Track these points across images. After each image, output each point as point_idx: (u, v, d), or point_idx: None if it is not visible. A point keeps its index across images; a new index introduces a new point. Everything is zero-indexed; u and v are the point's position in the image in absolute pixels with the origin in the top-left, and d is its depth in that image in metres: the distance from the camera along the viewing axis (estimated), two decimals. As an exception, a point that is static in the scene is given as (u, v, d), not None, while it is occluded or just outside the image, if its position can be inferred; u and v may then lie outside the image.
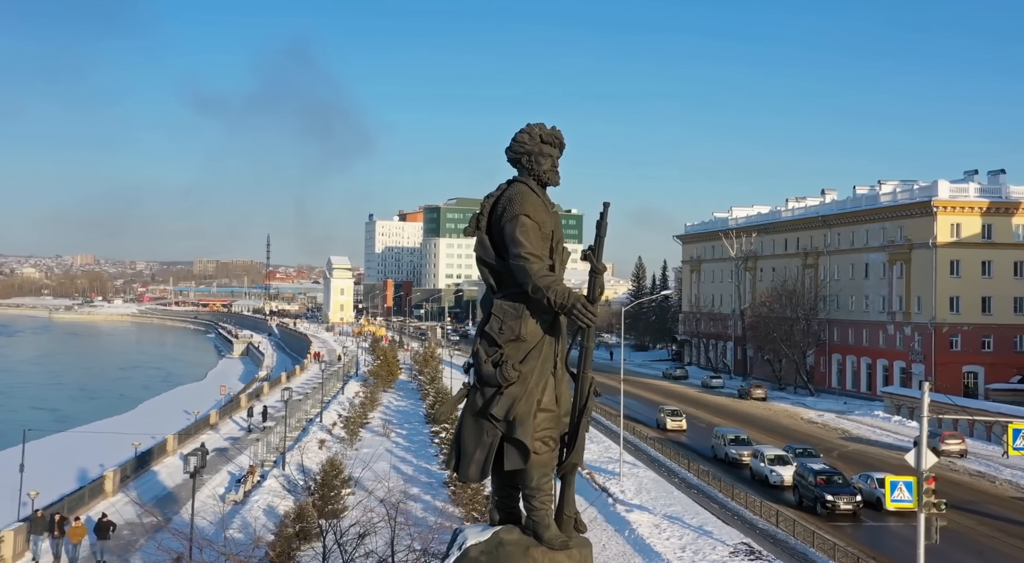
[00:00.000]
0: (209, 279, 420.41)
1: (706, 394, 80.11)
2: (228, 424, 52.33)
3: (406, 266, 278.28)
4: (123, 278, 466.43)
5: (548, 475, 6.44)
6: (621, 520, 32.04)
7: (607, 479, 39.26)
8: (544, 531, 6.35)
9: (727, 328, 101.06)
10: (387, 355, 73.29)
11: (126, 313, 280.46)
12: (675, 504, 35.69)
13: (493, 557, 6.35)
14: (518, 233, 6.27)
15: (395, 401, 63.35)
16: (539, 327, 6.37)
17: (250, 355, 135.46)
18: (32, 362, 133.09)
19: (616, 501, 34.70)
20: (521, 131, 6.68)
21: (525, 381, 6.26)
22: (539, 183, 6.61)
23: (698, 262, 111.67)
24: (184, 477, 28.68)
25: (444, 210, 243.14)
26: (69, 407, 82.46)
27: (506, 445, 6.27)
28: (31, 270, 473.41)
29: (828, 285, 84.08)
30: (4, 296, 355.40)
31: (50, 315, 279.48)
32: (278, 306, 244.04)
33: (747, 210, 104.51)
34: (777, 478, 40.80)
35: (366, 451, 42.06)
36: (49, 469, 36.52)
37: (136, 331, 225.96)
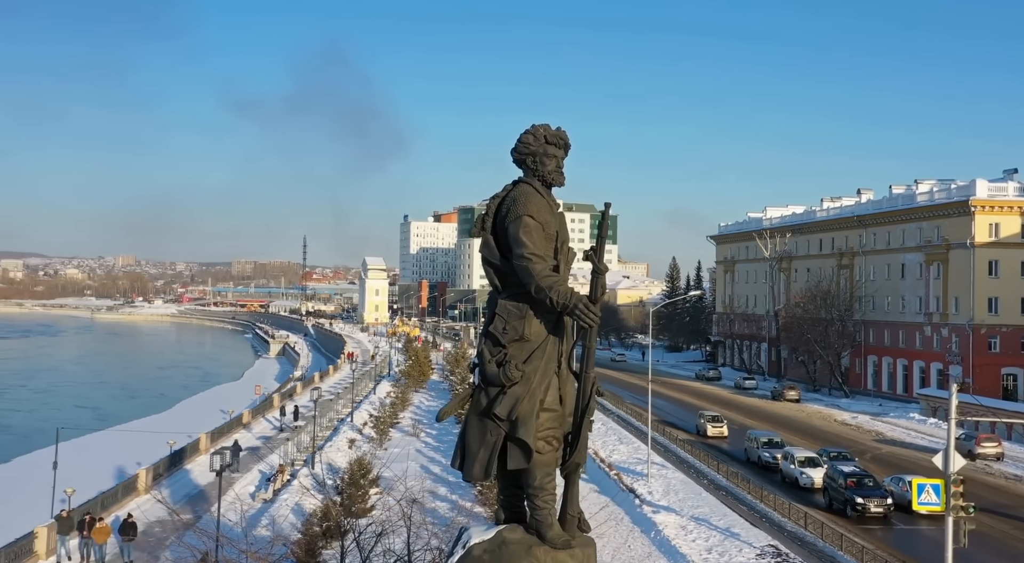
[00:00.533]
0: (247, 280, 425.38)
1: (739, 395, 79.54)
2: (261, 423, 53.06)
3: (440, 267, 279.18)
4: (163, 279, 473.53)
5: (551, 474, 6.47)
6: (647, 521, 32.01)
7: (635, 480, 39.20)
8: (547, 530, 6.37)
9: (761, 329, 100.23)
10: (419, 355, 73.64)
11: (166, 313, 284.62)
12: (703, 506, 35.56)
13: (496, 556, 6.38)
14: (521, 234, 6.30)
15: (426, 401, 63.73)
16: (543, 327, 6.39)
17: (286, 355, 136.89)
18: (75, 361, 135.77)
19: (643, 502, 34.66)
20: (526, 132, 6.70)
21: (528, 381, 6.28)
22: (544, 184, 6.64)
23: (732, 262, 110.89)
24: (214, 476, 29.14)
25: (478, 210, 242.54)
26: (110, 406, 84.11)
27: (509, 444, 6.30)
28: (74, 271, 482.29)
29: (864, 286, 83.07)
30: (49, 296, 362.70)
31: (92, 315, 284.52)
32: (314, 307, 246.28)
33: (781, 210, 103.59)
34: (807, 480, 40.51)
35: (395, 451, 42.52)
36: (86, 467, 37.34)
37: (175, 331, 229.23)
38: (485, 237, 6.64)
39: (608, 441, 50.19)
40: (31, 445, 55.22)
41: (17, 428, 67.09)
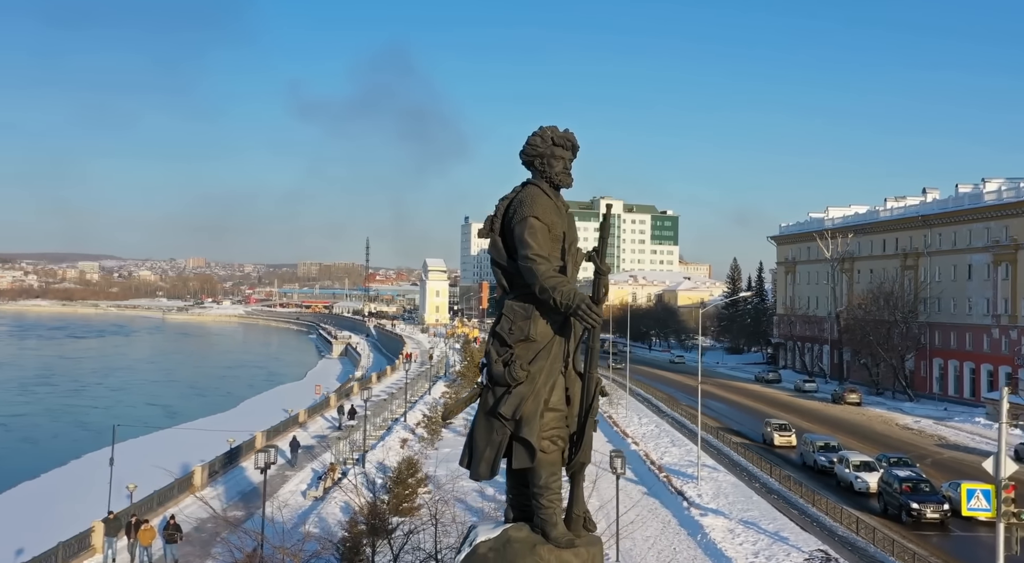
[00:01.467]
0: (312, 281, 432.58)
1: (798, 398, 78.40)
2: (317, 422, 54.15)
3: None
4: (232, 280, 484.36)
5: (556, 474, 6.49)
6: (694, 524, 31.97)
7: (684, 482, 39.09)
8: (551, 529, 6.40)
9: (823, 331, 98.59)
10: (474, 356, 74.20)
11: (233, 314, 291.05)
12: (752, 509, 35.34)
13: (501, 554, 6.42)
14: (527, 235, 6.35)
15: (481, 402, 64.20)
16: (549, 328, 6.42)
17: (348, 355, 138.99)
18: (147, 361, 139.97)
19: (691, 504, 34.57)
20: (534, 134, 6.74)
21: (533, 381, 6.32)
22: (552, 185, 6.68)
23: (793, 264, 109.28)
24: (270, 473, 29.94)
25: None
26: (179, 404, 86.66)
27: (515, 444, 6.36)
28: (147, 273, 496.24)
29: (928, 287, 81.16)
30: (123, 298, 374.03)
31: (163, 316, 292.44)
32: (376, 308, 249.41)
33: (844, 210, 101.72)
34: (862, 485, 39.92)
35: (446, 450, 43.05)
36: (149, 463, 38.60)
37: (242, 331, 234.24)
38: (493, 238, 6.69)
39: (660, 443, 50.08)
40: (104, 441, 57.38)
41: (93, 425, 69.53)
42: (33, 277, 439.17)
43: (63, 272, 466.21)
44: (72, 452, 54.41)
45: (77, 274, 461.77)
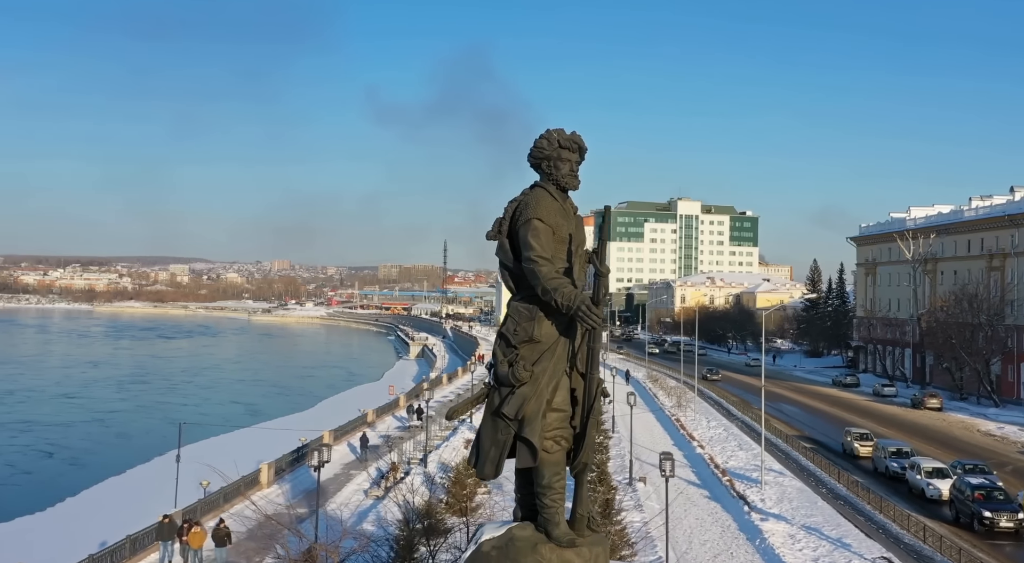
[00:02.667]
0: (392, 283, 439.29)
1: (876, 403, 76.49)
2: (387, 422, 55.25)
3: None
4: (315, 282, 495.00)
5: (559, 473, 6.57)
6: (753, 529, 31.78)
7: (748, 487, 38.81)
8: (554, 528, 6.47)
9: (904, 334, 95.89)
10: (543, 358, 74.47)
11: (316, 316, 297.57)
12: (816, 515, 34.93)
13: (503, 552, 6.49)
14: (530, 236, 6.41)
15: (548, 403, 64.61)
16: (554, 329, 6.46)
17: (425, 357, 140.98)
18: (233, 361, 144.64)
19: (752, 509, 34.34)
20: (540, 136, 6.78)
21: (536, 382, 6.37)
22: (559, 188, 6.72)
23: (873, 265, 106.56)
24: (336, 471, 31.01)
25: (614, 214, 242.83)
26: (262, 402, 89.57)
27: (518, 443, 6.44)
28: (234, 275, 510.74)
29: (1016, 288, 78.19)
30: (211, 299, 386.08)
31: (249, 317, 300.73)
32: (453, 309, 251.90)
33: (926, 210, 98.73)
34: (934, 492, 38.94)
35: (509, 451, 43.60)
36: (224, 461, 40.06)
37: (324, 333, 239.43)
38: (501, 240, 6.74)
39: (727, 447, 49.72)
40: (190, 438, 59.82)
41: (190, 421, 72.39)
42: (127, 280, 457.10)
43: (155, 275, 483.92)
44: (159, 448, 56.89)
45: (168, 277, 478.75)
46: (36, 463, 56.93)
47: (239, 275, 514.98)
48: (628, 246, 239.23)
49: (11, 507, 42.82)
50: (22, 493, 47.31)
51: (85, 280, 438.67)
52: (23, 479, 52.38)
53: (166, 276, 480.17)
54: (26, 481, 51.57)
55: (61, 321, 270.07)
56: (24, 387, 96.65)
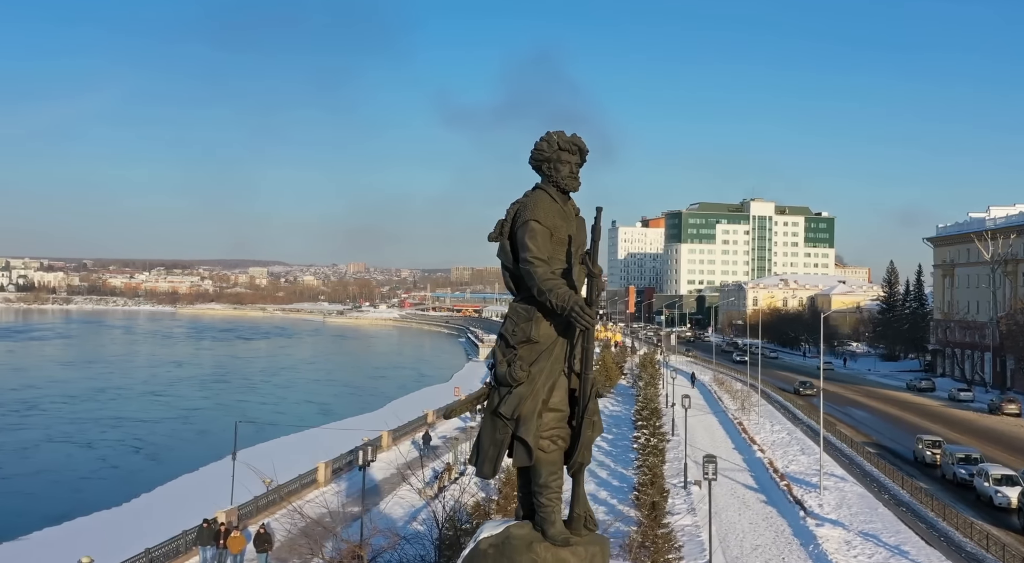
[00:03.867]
0: (464, 285, 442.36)
1: (951, 408, 74.32)
2: (447, 423, 55.86)
3: (648, 272, 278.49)
4: (389, 285, 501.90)
5: (556, 473, 6.58)
6: (808, 534, 31.52)
7: (806, 491, 38.43)
8: (549, 527, 6.51)
9: (983, 337, 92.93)
10: (604, 360, 74.78)
11: (388, 318, 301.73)
12: (875, 521, 34.46)
13: (499, 550, 6.56)
14: (527, 238, 6.48)
15: (610, 406, 64.77)
16: (552, 329, 6.50)
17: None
18: (308, 361, 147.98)
19: (808, 514, 34.03)
20: (541, 139, 6.83)
21: (533, 381, 6.42)
22: (559, 189, 6.77)
23: (951, 266, 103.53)
24: (393, 471, 31.73)
25: (686, 215, 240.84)
26: (334, 402, 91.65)
27: (515, 443, 6.47)
28: (311, 278, 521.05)
29: (1102, 291, 75.27)
30: (288, 301, 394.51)
31: (324, 319, 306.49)
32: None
33: (1007, 209, 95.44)
34: (1003, 500, 37.92)
35: (566, 453, 43.91)
36: (290, 459, 41.42)
37: (397, 334, 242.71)
38: (502, 242, 6.78)
39: (789, 451, 49.19)
40: (266, 436, 61.87)
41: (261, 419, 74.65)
42: (208, 282, 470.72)
43: (235, 277, 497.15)
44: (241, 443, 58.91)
45: (247, 279, 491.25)
46: (123, 458, 59.54)
47: (315, 278, 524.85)
48: (699, 248, 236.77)
49: (94, 500, 45.06)
50: (107, 486, 49.61)
51: (169, 283, 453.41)
52: (109, 473, 54.86)
53: (245, 279, 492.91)
54: (112, 475, 54.02)
55: (145, 322, 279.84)
56: (114, 385, 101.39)
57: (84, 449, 62.63)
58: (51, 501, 46.19)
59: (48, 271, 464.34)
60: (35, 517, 41.30)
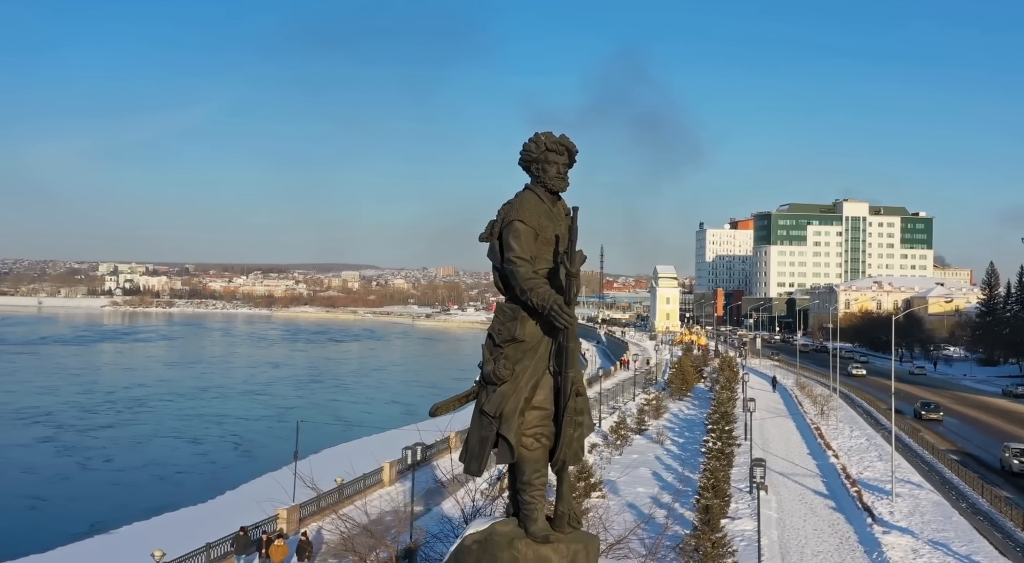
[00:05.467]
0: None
1: (1048, 416, 71.43)
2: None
3: (737, 274, 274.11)
4: (478, 288, 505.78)
5: (539, 471, 6.62)
6: (873, 542, 31.17)
7: (878, 498, 37.87)
8: (531, 524, 6.57)
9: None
10: (681, 364, 74.48)
11: (476, 320, 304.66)
12: (948, 530, 33.81)
13: (483, 546, 6.65)
14: (511, 238, 6.55)
15: (686, 409, 64.56)
16: (538, 329, 6.54)
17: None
18: (397, 363, 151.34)
19: (875, 521, 33.63)
20: (528, 140, 6.87)
21: (516, 380, 6.50)
22: (547, 190, 6.80)
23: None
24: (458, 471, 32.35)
25: (776, 217, 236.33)
26: (419, 403, 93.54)
27: (499, 440, 6.53)
28: (401, 281, 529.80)
29: None
30: (378, 305, 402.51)
31: (412, 322, 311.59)
32: (609, 314, 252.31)
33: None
34: (1092, 510, 36.58)
35: (634, 457, 44.27)
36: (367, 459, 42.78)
37: (483, 337, 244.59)
38: (492, 242, 6.85)
39: (866, 457, 48.36)
40: (351, 435, 63.98)
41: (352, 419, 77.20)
42: (303, 286, 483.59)
43: (328, 281, 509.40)
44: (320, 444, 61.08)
45: (340, 283, 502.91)
46: (221, 453, 62.45)
47: (406, 281, 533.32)
48: (790, 250, 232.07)
49: (189, 495, 47.60)
50: (202, 481, 52.15)
51: (265, 286, 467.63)
52: (208, 468, 57.58)
53: (338, 282, 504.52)
54: (209, 470, 56.72)
55: (243, 325, 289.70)
56: (216, 384, 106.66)
57: (188, 444, 66.16)
58: (151, 494, 48.90)
59: (153, 276, 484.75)
60: (135, 509, 43.76)
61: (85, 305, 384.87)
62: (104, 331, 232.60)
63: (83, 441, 65.99)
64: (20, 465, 56.90)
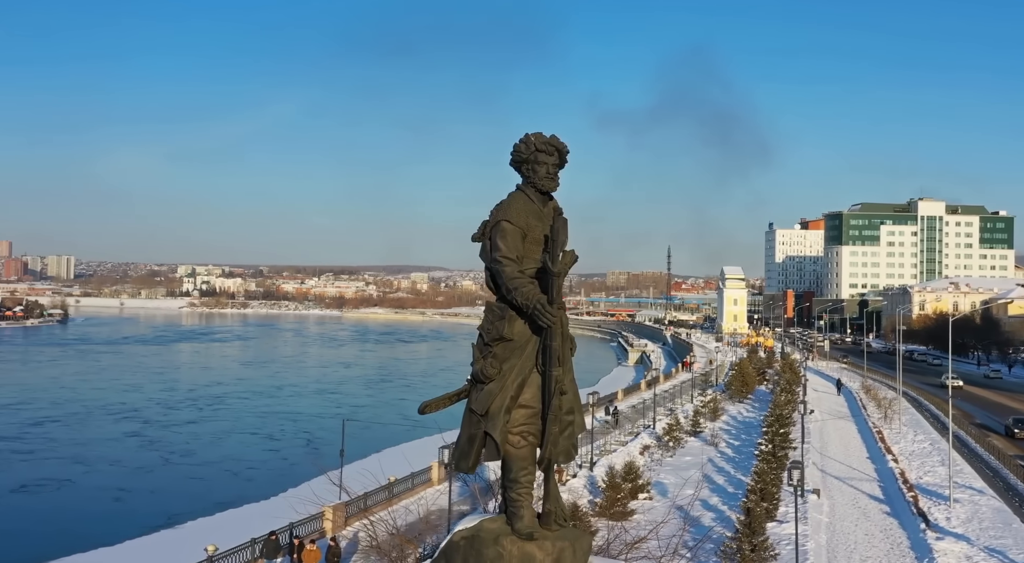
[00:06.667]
0: (620, 290, 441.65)
1: None
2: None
3: (808, 275, 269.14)
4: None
5: (526, 469, 6.67)
6: (924, 547, 30.79)
7: (934, 503, 37.29)
8: (516, 521, 6.60)
9: None
10: (741, 366, 73.89)
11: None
12: (1006, 537, 33.14)
13: (470, 542, 6.72)
14: (497, 238, 6.61)
15: (745, 412, 64.05)
16: (526, 328, 6.58)
17: (643, 363, 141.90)
18: (463, 363, 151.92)
19: (929, 527, 33.18)
20: (519, 141, 6.91)
21: (504, 378, 6.55)
22: (537, 190, 6.85)
23: None
24: None
25: (847, 216, 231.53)
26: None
27: (486, 438, 6.58)
28: (469, 283, 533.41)
29: None
30: (446, 306, 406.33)
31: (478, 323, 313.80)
32: (676, 316, 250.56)
33: None
34: None
35: (687, 459, 44.30)
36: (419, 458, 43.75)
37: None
38: (484, 242, 6.88)
39: (928, 462, 47.50)
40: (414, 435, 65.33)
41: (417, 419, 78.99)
42: (372, 287, 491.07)
43: (397, 282, 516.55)
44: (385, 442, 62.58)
45: (409, 284, 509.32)
46: (291, 451, 64.30)
47: (474, 282, 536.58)
48: (862, 250, 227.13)
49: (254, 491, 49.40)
50: (269, 477, 53.88)
51: (336, 288, 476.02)
52: (278, 464, 59.48)
53: (407, 284, 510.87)
54: (279, 466, 58.53)
55: (314, 326, 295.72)
56: (290, 383, 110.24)
57: (263, 440, 68.66)
58: (222, 489, 50.94)
59: (228, 277, 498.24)
60: (207, 503, 45.69)
61: (164, 306, 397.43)
62: (182, 331, 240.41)
63: (166, 436, 69.27)
64: (109, 458, 60.24)
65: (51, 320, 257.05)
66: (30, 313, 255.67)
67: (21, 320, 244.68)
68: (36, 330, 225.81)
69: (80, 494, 50.58)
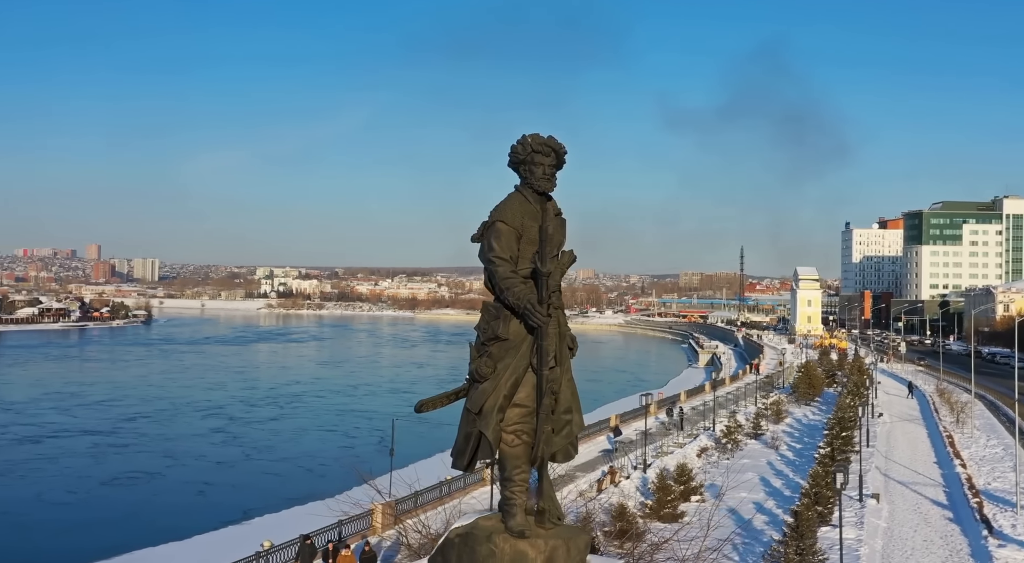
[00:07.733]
0: (693, 291, 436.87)
1: None
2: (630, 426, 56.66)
3: (886, 276, 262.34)
4: (617, 290, 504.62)
5: (520, 467, 6.69)
6: (985, 555, 30.34)
7: (1000, 510, 36.60)
8: (510, 519, 6.65)
9: None
10: (808, 367, 72.90)
11: (613, 323, 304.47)
12: (1074, 546, 32.46)
13: (464, 540, 6.78)
14: (492, 238, 6.68)
15: (811, 414, 63.25)
16: (521, 327, 6.63)
17: (713, 365, 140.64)
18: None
19: (992, 534, 32.65)
20: (516, 141, 6.96)
21: (498, 377, 6.60)
22: (534, 191, 6.88)
23: None
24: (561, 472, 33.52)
25: (927, 215, 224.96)
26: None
27: (481, 437, 6.62)
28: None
29: None
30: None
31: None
32: (749, 317, 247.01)
33: None
34: None
35: (744, 461, 44.12)
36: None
37: (621, 340, 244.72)
38: (482, 243, 6.91)
39: (999, 467, 46.39)
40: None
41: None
42: (444, 289, 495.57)
43: (469, 284, 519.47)
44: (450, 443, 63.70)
45: (480, 285, 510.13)
46: (363, 449, 65.62)
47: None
48: (943, 250, 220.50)
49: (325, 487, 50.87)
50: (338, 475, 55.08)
51: (409, 289, 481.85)
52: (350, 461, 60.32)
53: (478, 285, 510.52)
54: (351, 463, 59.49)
55: (387, 327, 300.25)
56: (365, 382, 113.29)
57: (339, 437, 70.98)
58: (295, 484, 52.44)
59: (304, 279, 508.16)
60: (279, 499, 47.39)
61: (243, 307, 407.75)
62: (260, 331, 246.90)
63: (247, 432, 72.21)
64: (194, 453, 63.26)
65: (136, 321, 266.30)
66: (116, 314, 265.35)
67: (108, 320, 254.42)
68: (122, 330, 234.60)
69: (167, 487, 53.04)
